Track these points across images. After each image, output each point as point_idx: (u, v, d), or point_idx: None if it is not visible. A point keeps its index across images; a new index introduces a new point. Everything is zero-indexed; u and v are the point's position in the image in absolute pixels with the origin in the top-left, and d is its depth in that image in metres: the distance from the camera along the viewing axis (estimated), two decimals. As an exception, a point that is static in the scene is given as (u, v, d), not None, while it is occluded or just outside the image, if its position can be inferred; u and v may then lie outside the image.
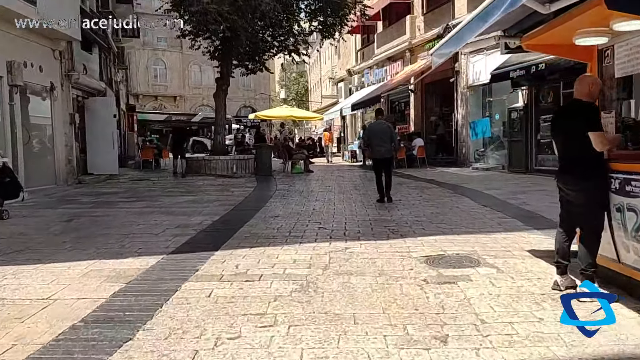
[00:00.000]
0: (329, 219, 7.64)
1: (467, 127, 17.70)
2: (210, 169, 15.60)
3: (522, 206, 8.70)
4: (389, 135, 9.53)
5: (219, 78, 16.78)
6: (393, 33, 22.60)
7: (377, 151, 9.56)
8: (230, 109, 50.26)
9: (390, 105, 24.46)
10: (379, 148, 9.50)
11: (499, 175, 14.69)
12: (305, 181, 14.26)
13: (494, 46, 16.13)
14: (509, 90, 15.05)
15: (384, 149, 9.47)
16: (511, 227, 6.86)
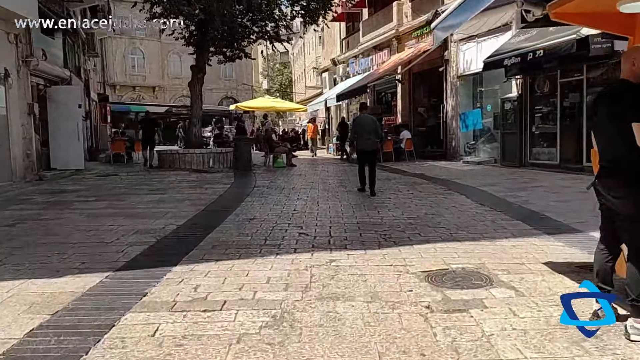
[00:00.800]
0: (311, 222, 6.72)
1: (457, 119, 16.91)
2: (184, 162, 14.57)
3: (524, 205, 7.89)
4: (374, 128, 9.70)
5: (194, 66, 15.70)
6: (379, 20, 21.67)
7: (362, 144, 9.69)
8: (211, 99, 49.33)
9: (376, 96, 23.58)
10: (365, 140, 9.59)
11: (492, 169, 13.91)
12: (287, 176, 13.32)
13: (486, 33, 15.36)
14: (502, 79, 14.26)
15: (370, 142, 9.59)
16: (518, 232, 6.02)
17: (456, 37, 16.77)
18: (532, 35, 12.39)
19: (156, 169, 14.86)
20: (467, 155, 16.57)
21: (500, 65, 12.84)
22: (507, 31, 14.43)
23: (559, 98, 12.63)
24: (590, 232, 5.99)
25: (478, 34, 15.69)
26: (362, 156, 9.83)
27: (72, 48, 17.11)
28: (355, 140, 10.02)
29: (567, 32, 10.91)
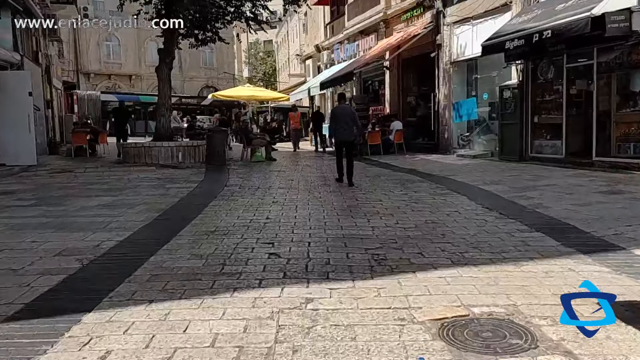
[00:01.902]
0: (286, 237, 5.41)
1: (450, 109, 15.68)
2: (151, 157, 13.12)
3: (539, 210, 6.66)
4: (352, 118, 9.67)
5: (161, 50, 14.19)
6: (365, 3, 20.28)
7: (340, 134, 9.66)
8: (191, 88, 47.59)
9: (362, 85, 22.25)
10: (342, 131, 9.60)
11: (489, 164, 12.71)
12: (264, 173, 11.97)
13: (483, 14, 14.08)
14: (501, 65, 13.01)
15: (347, 132, 9.59)
16: (545, 250, 4.79)
17: (449, 20, 15.50)
18: (536, 15, 11.15)
19: (120, 163, 13.39)
20: (461, 148, 15.37)
21: (501, 49, 11.59)
22: (507, 12, 13.18)
23: (564, 85, 11.44)
24: (634, 249, 4.80)
25: (473, 15, 14.43)
26: (340, 146, 9.79)
27: (27, 31, 15.46)
28: (334, 131, 9.81)
29: (579, 9, 9.69)
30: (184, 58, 48.39)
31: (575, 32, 9.52)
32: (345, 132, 9.54)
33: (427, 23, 16.23)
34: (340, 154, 9.75)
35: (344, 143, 9.65)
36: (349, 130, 9.53)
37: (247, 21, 14.80)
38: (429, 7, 16.14)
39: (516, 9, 12.71)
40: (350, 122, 9.53)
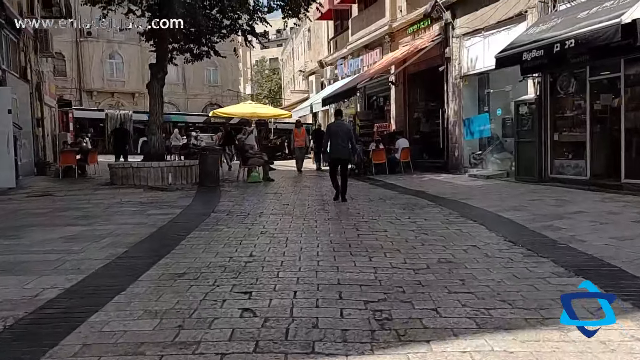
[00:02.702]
0: (268, 283, 4.41)
1: (461, 125, 14.72)
2: (140, 178, 12.21)
3: (574, 245, 5.63)
4: (348, 136, 9.48)
5: (153, 64, 13.39)
6: (370, 16, 19.49)
7: (336, 151, 9.43)
8: (194, 106, 46.96)
9: (367, 101, 21.37)
10: (338, 148, 9.37)
11: (506, 185, 11.68)
12: (259, 195, 10.99)
13: (495, 25, 13.18)
14: (516, 78, 12.08)
15: (343, 150, 9.38)
16: (594, 305, 3.74)
17: (459, 32, 14.63)
18: (556, 24, 10.22)
19: (107, 185, 12.49)
20: (473, 168, 14.35)
21: (517, 61, 10.65)
22: (522, 22, 12.28)
23: (588, 100, 10.45)
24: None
25: (485, 26, 13.54)
26: (334, 165, 9.60)
27: (15, 45, 14.73)
28: (329, 147, 9.60)
29: (606, 16, 8.74)
30: (188, 76, 48.08)
31: (602, 41, 8.57)
32: (341, 149, 9.33)
33: (435, 35, 15.37)
34: (335, 172, 9.55)
35: (339, 160, 9.45)
36: (344, 147, 9.32)
37: (244, 34, 13.98)
38: (437, 19, 15.28)
39: (532, 18, 11.81)
40: (346, 139, 9.31)
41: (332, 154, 9.59)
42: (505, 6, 12.70)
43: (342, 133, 9.38)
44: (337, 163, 9.50)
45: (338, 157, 9.45)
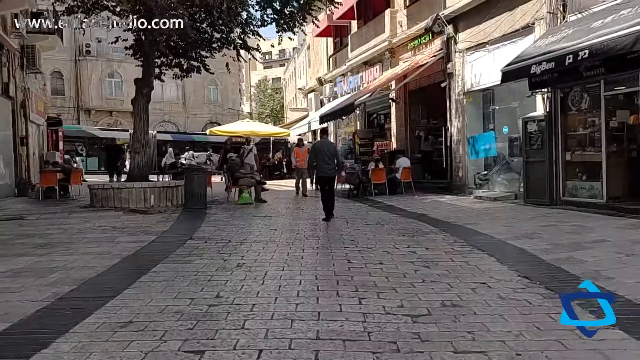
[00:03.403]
0: (228, 338, 3.53)
1: (465, 144, 13.90)
2: (120, 200, 11.39)
3: (600, 282, 4.71)
4: (333, 153, 9.71)
5: (137, 79, 12.67)
6: (370, 32, 18.86)
7: (322, 169, 9.65)
8: (194, 124, 46.39)
9: (367, 118, 20.62)
10: (324, 166, 9.58)
11: (514, 208, 10.80)
12: (246, 219, 10.12)
13: (500, 39, 12.44)
14: (523, 94, 11.30)
15: (329, 168, 9.60)
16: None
17: (461, 46, 13.91)
18: (567, 35, 9.47)
19: (86, 208, 11.66)
20: (478, 189, 13.49)
21: (525, 75, 9.87)
22: (529, 34, 11.54)
23: (603, 116, 9.62)
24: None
25: (489, 40, 12.81)
26: (321, 183, 9.85)
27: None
28: (315, 166, 9.78)
29: (624, 24, 7.98)
30: (188, 94, 47.63)
31: (619, 51, 7.79)
32: (326, 167, 9.54)
33: (437, 50, 14.66)
34: (324, 191, 9.68)
35: (325, 179, 9.69)
36: (329, 165, 9.54)
37: (235, 48, 13.28)
38: (439, 34, 14.59)
39: (540, 30, 11.07)
40: (331, 157, 9.54)
41: (317, 172, 9.79)
42: (511, 19, 11.99)
43: (326, 151, 9.59)
44: (323, 181, 9.75)
45: (322, 175, 9.70)
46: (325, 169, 9.58)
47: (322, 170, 9.64)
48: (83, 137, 32.66)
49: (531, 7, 11.46)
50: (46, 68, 40.36)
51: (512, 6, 11.94)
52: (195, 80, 48.16)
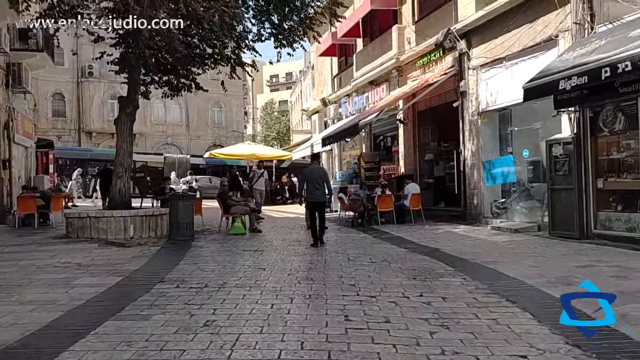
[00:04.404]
0: None
1: (480, 168, 12.70)
2: (98, 230, 10.25)
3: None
4: (323, 179, 9.80)
5: (121, 97, 11.65)
6: (376, 50, 17.87)
7: (312, 195, 9.72)
8: (198, 147, 45.45)
9: (373, 141, 19.48)
10: (314, 192, 9.65)
11: (540, 242, 9.52)
12: (233, 254, 8.88)
13: (519, 53, 11.34)
14: (549, 113, 10.11)
15: (319, 193, 9.69)
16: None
17: (475, 63, 12.83)
18: (599, 46, 8.33)
19: (61, 238, 10.53)
20: (496, 218, 12.23)
21: (552, 91, 8.70)
22: (552, 48, 10.43)
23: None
24: None
25: (506, 55, 11.72)
26: (311, 209, 9.90)
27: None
28: (305, 192, 9.88)
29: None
30: (192, 117, 46.97)
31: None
32: (316, 193, 9.64)
33: (448, 67, 13.58)
34: (314, 217, 9.66)
35: (315, 204, 9.74)
36: (320, 191, 9.63)
37: (230, 64, 12.25)
38: (450, 49, 13.53)
39: (565, 43, 9.96)
40: (321, 182, 9.63)
41: (307, 198, 9.87)
42: (531, 31, 10.90)
43: (317, 177, 9.67)
44: (313, 207, 9.78)
45: (312, 200, 9.76)
46: (315, 195, 9.62)
47: (312, 196, 9.68)
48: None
49: (554, 18, 10.37)
50: (47, 89, 40.15)
51: (533, 18, 10.86)
52: (199, 102, 47.82)
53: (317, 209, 9.71)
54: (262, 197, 15.96)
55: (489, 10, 11.98)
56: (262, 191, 15.88)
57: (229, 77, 12.64)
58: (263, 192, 16.03)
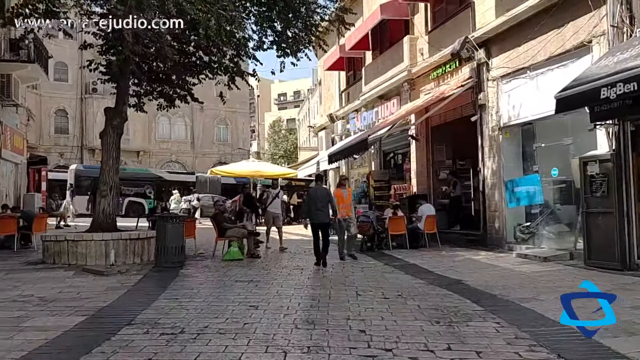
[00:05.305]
0: None
1: (502, 189, 11.56)
2: (76, 256, 9.17)
3: None
4: (327, 200, 9.75)
5: (108, 108, 10.67)
6: (386, 62, 16.90)
7: (316, 215, 9.65)
8: (203, 165, 44.48)
9: (383, 158, 18.40)
10: (318, 212, 9.61)
11: (576, 273, 8.31)
12: (223, 287, 7.72)
13: (546, 62, 10.24)
14: (582, 127, 9.01)
15: (322, 214, 9.65)
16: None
17: (496, 73, 11.78)
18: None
19: (35, 264, 9.47)
20: (520, 243, 11.04)
21: (592, 100, 7.58)
22: (584, 55, 9.37)
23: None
24: None
25: (531, 65, 10.67)
26: (315, 229, 9.76)
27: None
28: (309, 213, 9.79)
29: None
30: (197, 134, 46.18)
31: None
32: (320, 214, 9.62)
33: (465, 79, 12.54)
34: (317, 237, 9.66)
35: (319, 225, 9.71)
36: (324, 212, 9.62)
37: (228, 74, 11.27)
38: (467, 60, 12.51)
39: (600, 49, 8.89)
40: (325, 203, 9.61)
41: (311, 219, 9.77)
42: (560, 38, 9.85)
43: (320, 197, 9.69)
44: (317, 228, 9.71)
45: (317, 221, 9.69)
46: (319, 216, 9.60)
47: (316, 217, 9.63)
48: (150, 179, 31.59)
49: (586, 22, 9.32)
50: (50, 106, 39.58)
51: (561, 22, 9.81)
52: (205, 119, 47.10)
53: (320, 229, 9.70)
54: (280, 220, 12.87)
55: (511, 17, 10.97)
56: (279, 215, 12.99)
57: (227, 87, 11.66)
58: (280, 215, 13.12)
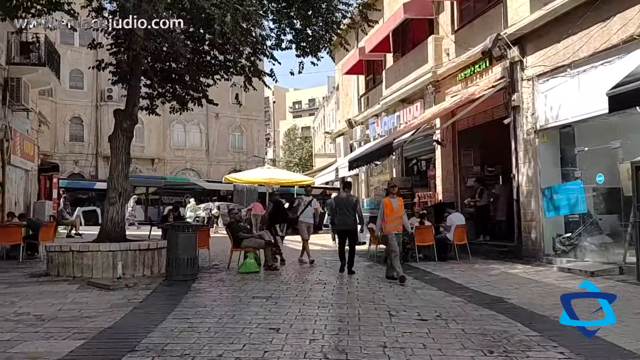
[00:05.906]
0: None
1: (538, 197, 10.70)
2: (81, 267, 8.52)
3: None
4: (353, 207, 9.60)
5: (118, 110, 10.02)
6: (409, 64, 16.14)
7: (342, 223, 9.65)
8: (218, 172, 43.98)
9: (405, 165, 17.59)
10: (344, 219, 9.58)
11: (630, 290, 7.44)
12: (239, 304, 6.97)
13: (589, 59, 9.39)
14: (634, 128, 8.14)
15: (349, 221, 9.59)
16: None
17: (531, 73, 10.96)
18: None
19: (37, 276, 8.85)
20: (560, 256, 10.14)
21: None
22: (634, 50, 8.52)
23: None
24: None
25: (572, 62, 9.83)
26: (342, 237, 9.77)
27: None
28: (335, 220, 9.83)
29: None
30: (212, 141, 45.75)
31: None
32: (347, 221, 9.55)
33: (497, 79, 11.74)
34: (343, 244, 9.69)
35: (346, 232, 9.69)
36: (350, 219, 9.51)
37: (244, 74, 10.62)
38: (499, 58, 11.71)
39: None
40: (351, 211, 9.50)
41: (338, 226, 9.78)
42: (605, 32, 9.02)
43: (347, 205, 9.56)
44: (344, 235, 9.70)
45: (345, 228, 9.66)
46: (346, 224, 9.56)
47: (343, 225, 9.60)
48: (189, 188, 32.04)
49: (635, 14, 8.49)
50: (65, 113, 39.47)
51: (607, 15, 8.99)
52: (220, 126, 46.72)
53: (347, 237, 9.64)
54: (310, 232, 11.88)
55: (549, 11, 10.17)
56: (311, 225, 11.99)
57: (244, 89, 11.01)
58: (311, 226, 12.11)
